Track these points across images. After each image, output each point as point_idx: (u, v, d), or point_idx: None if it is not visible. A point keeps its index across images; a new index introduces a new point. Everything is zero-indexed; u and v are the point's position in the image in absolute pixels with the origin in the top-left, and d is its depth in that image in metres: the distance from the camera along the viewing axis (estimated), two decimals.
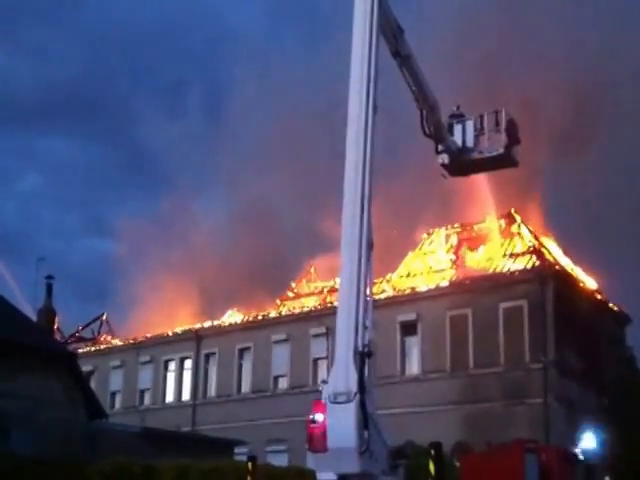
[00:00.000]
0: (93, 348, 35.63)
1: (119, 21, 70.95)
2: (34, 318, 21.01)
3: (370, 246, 10.16)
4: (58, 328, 29.14)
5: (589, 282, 27.92)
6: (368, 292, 10.09)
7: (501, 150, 12.82)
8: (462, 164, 13.18)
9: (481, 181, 27.28)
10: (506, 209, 28.62)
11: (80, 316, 38.14)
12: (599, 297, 27.68)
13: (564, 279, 25.93)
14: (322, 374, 26.75)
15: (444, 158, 12.95)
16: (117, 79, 73.85)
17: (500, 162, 13.30)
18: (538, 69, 29.56)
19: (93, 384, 29.06)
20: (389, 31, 11.73)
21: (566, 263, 27.85)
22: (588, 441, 11.44)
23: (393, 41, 11.87)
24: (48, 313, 21.51)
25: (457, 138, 12.88)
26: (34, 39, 73.01)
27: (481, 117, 12.93)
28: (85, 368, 27.42)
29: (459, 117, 12.93)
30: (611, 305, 28.09)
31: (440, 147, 12.85)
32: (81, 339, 36.90)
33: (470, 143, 12.85)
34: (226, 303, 34.67)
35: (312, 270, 33.23)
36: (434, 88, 12.46)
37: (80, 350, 31.69)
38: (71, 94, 73.96)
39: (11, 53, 74.07)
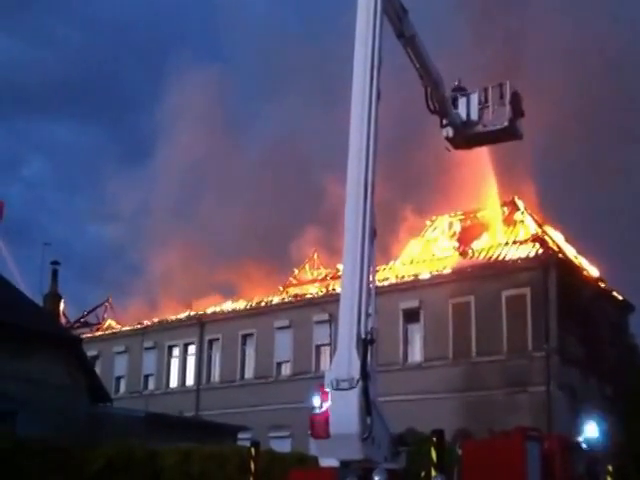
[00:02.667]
0: (98, 333, 35.82)
1: (119, 3, 70.69)
2: (40, 303, 21.10)
3: (373, 233, 10.15)
4: (63, 313, 29.29)
5: (592, 270, 27.89)
6: (371, 279, 10.10)
7: (505, 123, 12.78)
8: (466, 137, 13.18)
9: (484, 168, 27.28)
10: (509, 196, 28.57)
11: (85, 301, 38.39)
12: (602, 285, 27.66)
13: (567, 267, 25.91)
14: (325, 361, 26.90)
15: (448, 131, 12.92)
16: (119, 62, 73.73)
17: (504, 135, 13.27)
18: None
19: (98, 369, 29.18)
20: (393, 13, 11.63)
21: (569, 251, 27.81)
22: (590, 429, 11.48)
23: (397, 23, 11.78)
24: (53, 298, 21.59)
25: (461, 111, 12.85)
26: (37, 25, 72.84)
27: (485, 90, 12.90)
28: (90, 353, 27.56)
29: (463, 90, 12.89)
30: (614, 293, 28.08)
31: (444, 121, 12.82)
32: (86, 324, 37.08)
33: (474, 116, 12.80)
34: (230, 288, 34.85)
35: (315, 257, 33.28)
36: (438, 64, 12.47)
37: (85, 335, 31.85)
38: (75, 78, 73.96)
39: (14, 39, 73.97)
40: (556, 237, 28.09)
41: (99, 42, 72.30)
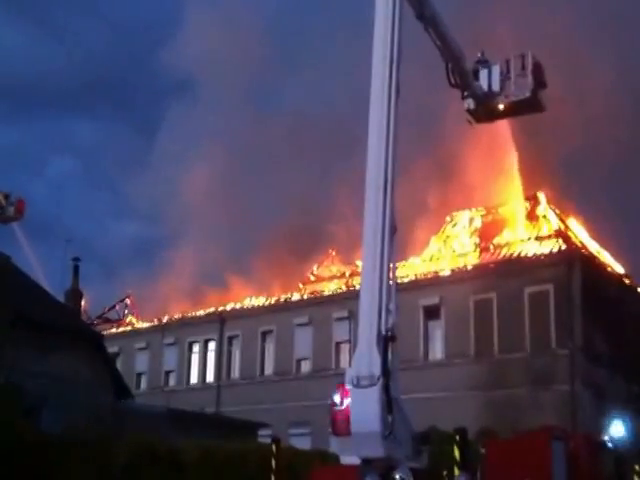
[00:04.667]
0: (119, 330, 36.07)
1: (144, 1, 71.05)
2: (61, 300, 21.26)
3: (393, 230, 10.04)
4: (85, 310, 29.53)
5: (617, 266, 27.46)
6: (391, 276, 9.98)
7: (527, 94, 12.60)
8: (488, 110, 13.01)
9: (507, 162, 26.96)
10: (531, 191, 28.23)
11: (108, 298, 38.67)
12: (627, 281, 27.22)
13: (591, 263, 25.53)
14: (345, 358, 26.79)
15: (470, 103, 12.74)
16: (145, 62, 74.18)
17: (527, 107, 13.07)
18: None
19: (119, 365, 29.34)
20: None
21: (593, 247, 27.41)
22: (617, 428, 11.26)
23: (417, 5, 11.63)
24: (75, 295, 21.76)
25: (483, 83, 12.70)
26: (62, 24, 73.52)
27: (507, 61, 12.73)
28: (111, 350, 27.72)
29: (484, 63, 12.74)
30: (639, 289, 27.62)
31: (466, 93, 12.69)
32: (107, 320, 37.36)
33: (496, 87, 12.58)
34: (250, 283, 34.93)
35: (333, 253, 33.19)
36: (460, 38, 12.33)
37: (105, 332, 32.10)
38: (100, 76, 74.58)
39: (40, 37, 74.72)
40: (579, 232, 27.69)
41: (124, 40, 72.93)
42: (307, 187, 39.04)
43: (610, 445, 11.59)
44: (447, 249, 28.88)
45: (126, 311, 38.11)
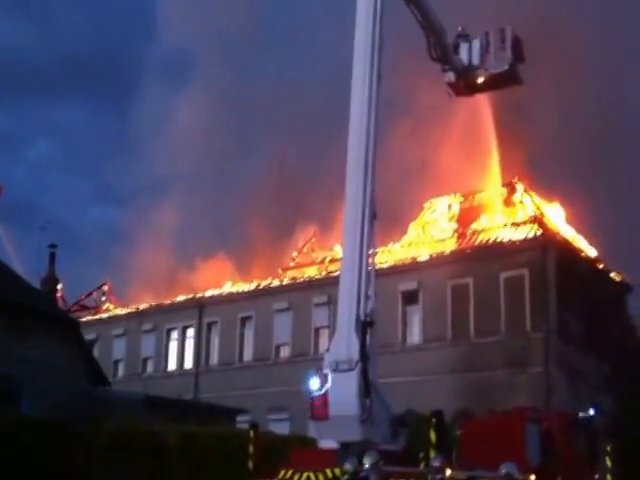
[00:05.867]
0: (96, 317, 35.81)
1: None
2: (38, 286, 21.06)
3: (373, 216, 10.11)
4: (61, 296, 29.27)
5: (590, 251, 27.88)
6: (370, 261, 10.06)
7: (506, 67, 12.79)
8: (468, 82, 13.25)
9: (486, 149, 27.16)
10: (508, 178, 28.48)
11: (86, 284, 38.32)
12: (600, 266, 27.66)
13: (565, 248, 25.89)
14: (324, 343, 26.91)
15: (450, 76, 12.97)
16: (126, 44, 73.13)
17: (506, 80, 13.35)
18: None
19: (96, 352, 29.23)
20: None
21: (568, 232, 27.78)
22: (589, 408, 11.54)
23: None
24: (51, 281, 21.59)
25: (463, 57, 12.93)
26: (42, 6, 72.16)
27: (487, 35, 12.96)
28: (88, 337, 27.55)
29: (465, 37, 12.92)
30: (612, 274, 28.09)
31: (446, 67, 12.85)
32: (84, 307, 37.07)
33: (476, 61, 12.85)
34: (229, 269, 34.87)
35: (313, 239, 33.23)
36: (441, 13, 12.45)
37: (83, 319, 31.85)
38: (81, 60, 73.47)
39: (23, 23, 73.19)
40: (555, 218, 28.03)
41: (106, 23, 71.78)
42: (287, 168, 38.99)
43: (583, 425, 11.83)
44: (426, 235, 29.08)
45: (103, 298, 37.83)
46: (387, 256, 27.81)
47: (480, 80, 13.03)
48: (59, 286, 23.03)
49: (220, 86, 43.20)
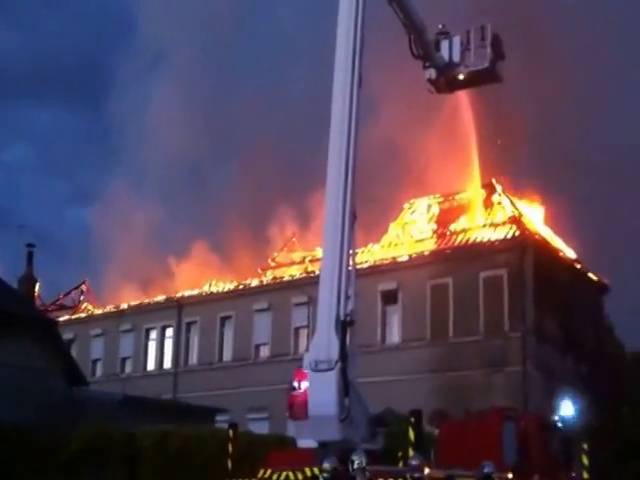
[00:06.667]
0: (74, 316, 35.47)
1: None
2: (15, 287, 20.80)
3: (353, 217, 10.16)
4: (39, 296, 28.92)
5: (568, 251, 28.19)
6: (350, 262, 10.09)
7: (486, 64, 12.96)
8: (449, 79, 13.43)
9: (465, 149, 27.33)
10: (487, 179, 28.69)
11: (64, 285, 37.94)
12: (578, 266, 27.98)
13: (543, 249, 26.14)
14: (303, 343, 26.94)
15: (431, 73, 13.14)
16: (101, 47, 72.64)
17: (485, 77, 13.55)
18: None
19: (74, 352, 28.93)
20: None
21: (546, 233, 28.06)
22: (566, 409, 11.67)
23: None
24: (28, 281, 21.34)
25: (444, 54, 13.12)
26: (18, 10, 71.39)
27: (467, 33, 13.17)
28: (66, 336, 27.29)
29: (445, 34, 13.08)
30: (589, 274, 28.43)
31: (427, 63, 12.98)
32: (62, 307, 36.69)
33: (456, 58, 13.04)
34: (209, 269, 34.72)
35: (294, 239, 33.21)
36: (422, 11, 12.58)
37: (61, 318, 31.51)
38: (56, 63, 72.87)
39: None
40: (533, 219, 28.30)
41: (81, 27, 71.18)
42: (265, 166, 38.90)
43: (559, 425, 11.97)
44: (405, 235, 29.20)
45: (82, 297, 37.49)
46: (367, 256, 27.89)
47: (460, 77, 13.18)
48: (37, 286, 22.74)
49: (197, 85, 43.06)
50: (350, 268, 10.04)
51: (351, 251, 10.17)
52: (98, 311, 35.56)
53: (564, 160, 31.48)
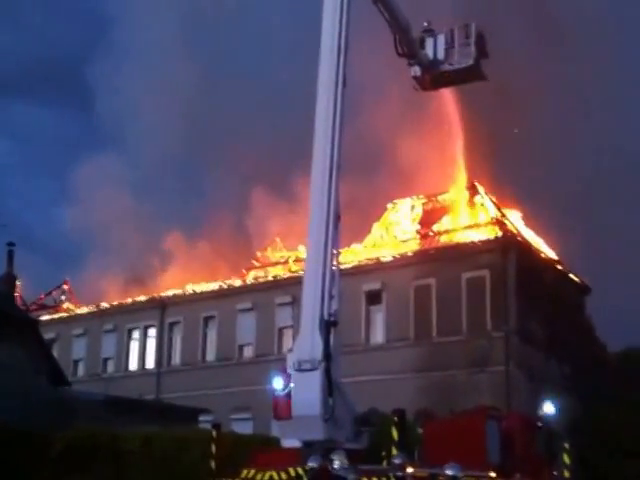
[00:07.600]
0: (55, 316, 35.16)
1: None
2: None
3: (337, 217, 10.19)
4: (20, 296, 28.65)
5: (550, 252, 28.43)
6: (334, 262, 10.11)
7: (470, 62, 13.05)
8: (433, 77, 13.53)
9: (450, 151, 27.47)
10: (469, 180, 28.85)
11: (49, 285, 37.61)
12: (560, 267, 28.22)
13: (526, 249, 26.34)
14: (287, 343, 26.89)
15: (416, 70, 13.25)
16: (89, 49, 72.20)
17: (470, 75, 13.66)
18: None
19: (56, 352, 28.69)
20: None
21: (528, 234, 28.28)
22: (549, 408, 11.77)
23: None
24: (9, 280, 21.12)
25: (429, 51, 13.22)
26: (7, 12, 70.71)
27: (452, 31, 13.27)
28: (47, 336, 27.02)
29: (430, 32, 13.18)
30: (571, 275, 28.69)
31: (412, 61, 13.06)
32: (43, 307, 36.36)
33: (441, 56, 13.15)
34: (192, 269, 34.57)
35: (277, 239, 33.17)
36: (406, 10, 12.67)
37: (42, 318, 31.23)
38: (43, 62, 72.22)
39: None
40: (515, 220, 28.51)
41: (66, 26, 70.65)
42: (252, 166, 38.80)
43: (542, 424, 12.06)
44: (389, 236, 29.28)
45: (63, 297, 37.16)
46: (351, 256, 27.93)
47: (445, 74, 13.27)
48: (17, 284, 22.51)
49: (186, 81, 42.83)
50: (334, 268, 10.05)
51: (335, 251, 10.18)
52: (80, 311, 35.28)
53: (544, 162, 31.75)
